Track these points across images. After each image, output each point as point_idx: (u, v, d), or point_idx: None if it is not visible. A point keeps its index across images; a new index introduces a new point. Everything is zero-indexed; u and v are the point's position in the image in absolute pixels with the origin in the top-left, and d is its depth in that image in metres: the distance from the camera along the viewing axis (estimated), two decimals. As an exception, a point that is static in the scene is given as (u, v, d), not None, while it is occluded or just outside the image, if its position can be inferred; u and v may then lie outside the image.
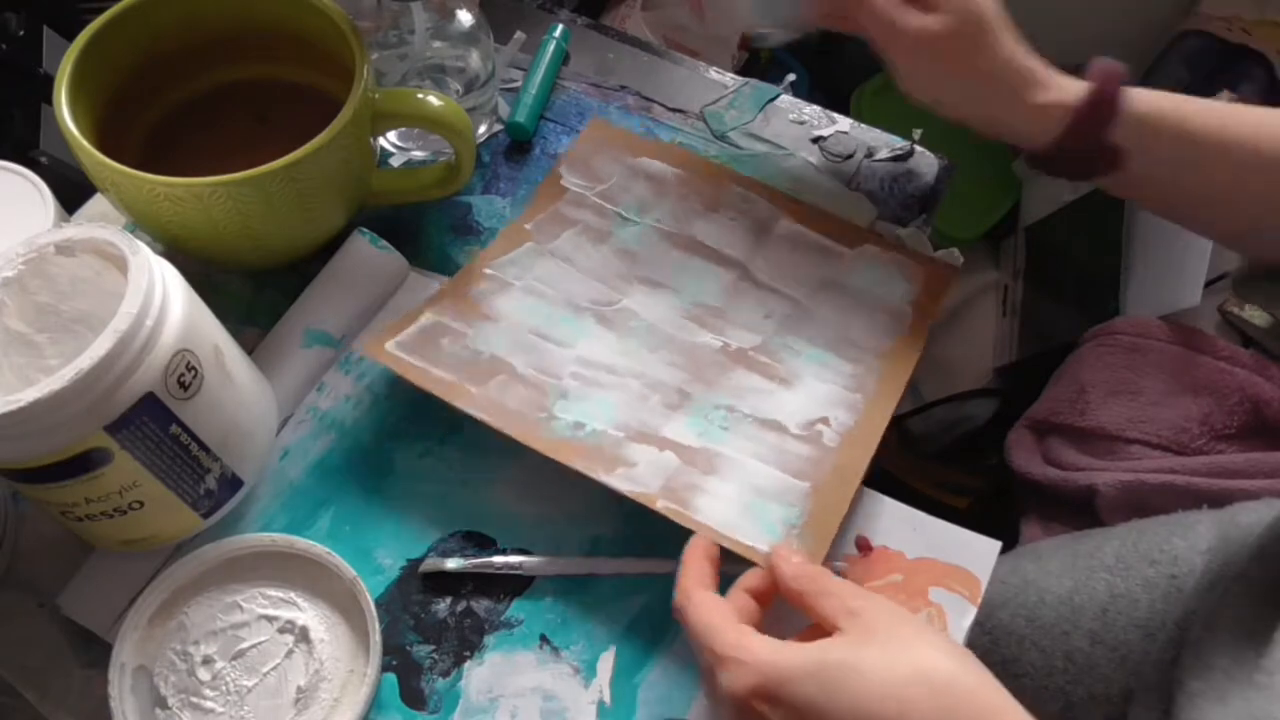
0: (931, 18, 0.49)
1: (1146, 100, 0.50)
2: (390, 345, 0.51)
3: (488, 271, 0.55)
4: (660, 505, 0.46)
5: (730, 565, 0.44)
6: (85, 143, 0.47)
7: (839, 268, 0.58)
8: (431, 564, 0.47)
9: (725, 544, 0.45)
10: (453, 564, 0.47)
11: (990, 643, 0.57)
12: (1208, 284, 0.74)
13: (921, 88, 0.52)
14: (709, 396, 0.52)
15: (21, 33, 0.77)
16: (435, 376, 0.50)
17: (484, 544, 0.48)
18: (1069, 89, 0.50)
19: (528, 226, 0.58)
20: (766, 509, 0.47)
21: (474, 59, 0.60)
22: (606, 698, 0.45)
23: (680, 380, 0.52)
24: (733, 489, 0.48)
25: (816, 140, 0.64)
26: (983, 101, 0.52)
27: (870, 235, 0.59)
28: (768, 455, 0.49)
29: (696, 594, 0.40)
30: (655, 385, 0.52)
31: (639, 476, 0.47)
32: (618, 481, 0.47)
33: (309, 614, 0.45)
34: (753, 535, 0.46)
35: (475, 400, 0.49)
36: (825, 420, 0.51)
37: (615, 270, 0.56)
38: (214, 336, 0.44)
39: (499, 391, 0.50)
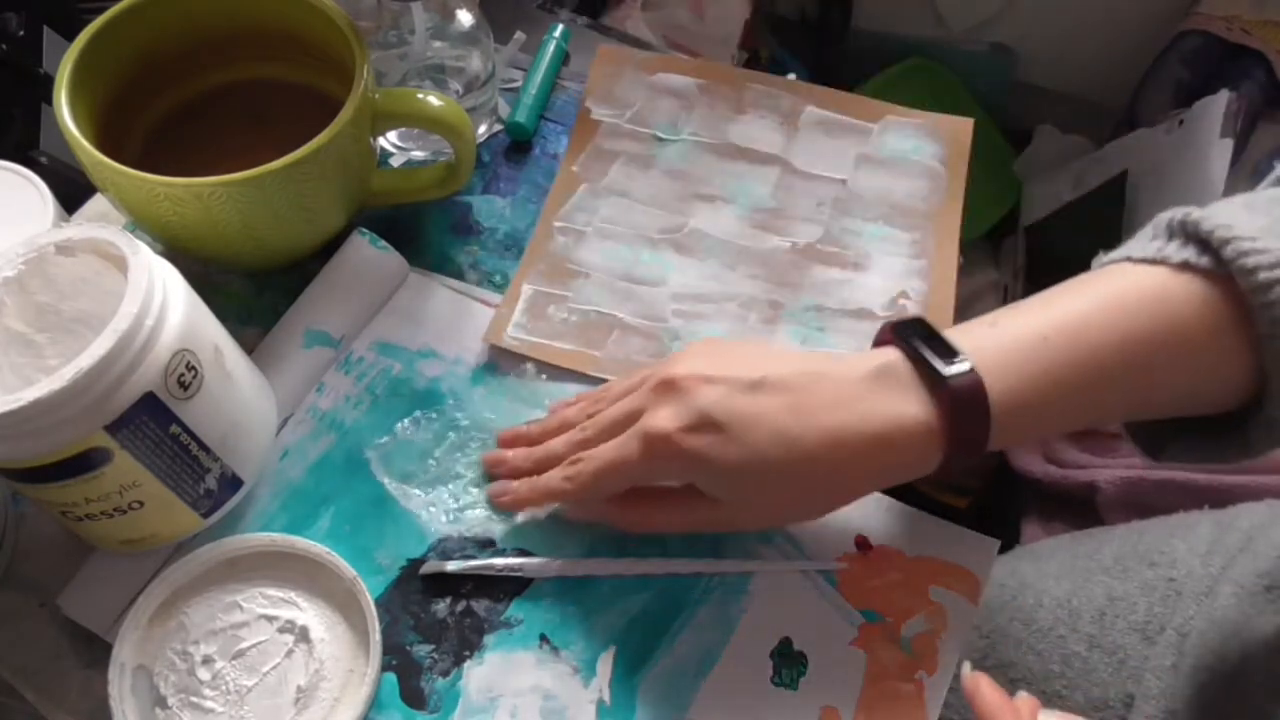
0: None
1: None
2: (510, 330, 0.53)
3: (558, 225, 0.57)
4: None
5: None
6: (85, 143, 0.47)
7: (869, 142, 0.61)
8: (432, 566, 0.47)
9: None
10: (453, 566, 0.47)
11: (988, 646, 0.57)
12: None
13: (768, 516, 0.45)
14: (797, 299, 0.55)
15: (21, 33, 0.78)
16: (559, 350, 0.53)
17: (484, 544, 0.48)
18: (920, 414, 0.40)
19: (574, 169, 0.60)
20: None
21: (474, 59, 0.60)
22: (606, 697, 0.45)
23: (766, 291, 0.55)
24: None
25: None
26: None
27: (887, 106, 0.62)
28: (865, 344, 0.52)
29: None
30: (748, 303, 0.55)
31: None
32: None
33: (309, 614, 0.45)
34: None
35: (602, 365, 0.52)
36: (904, 294, 0.54)
37: (671, 192, 0.59)
38: (214, 336, 0.44)
39: (618, 348, 0.53)
